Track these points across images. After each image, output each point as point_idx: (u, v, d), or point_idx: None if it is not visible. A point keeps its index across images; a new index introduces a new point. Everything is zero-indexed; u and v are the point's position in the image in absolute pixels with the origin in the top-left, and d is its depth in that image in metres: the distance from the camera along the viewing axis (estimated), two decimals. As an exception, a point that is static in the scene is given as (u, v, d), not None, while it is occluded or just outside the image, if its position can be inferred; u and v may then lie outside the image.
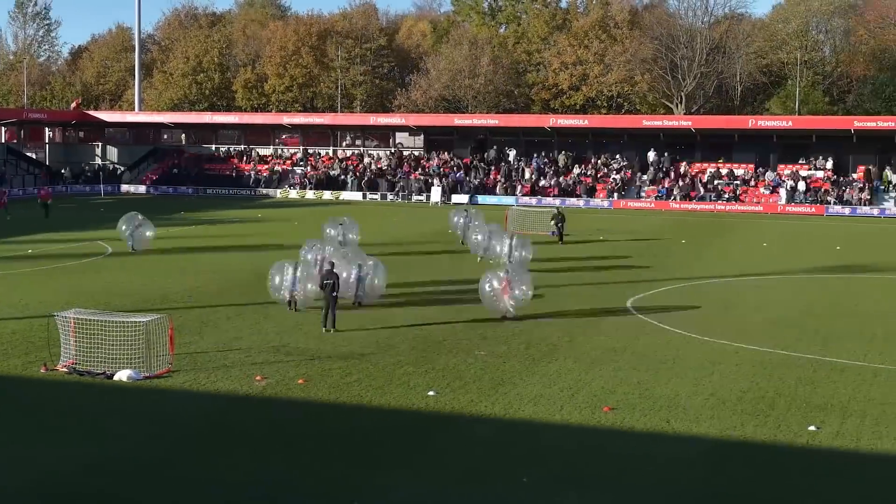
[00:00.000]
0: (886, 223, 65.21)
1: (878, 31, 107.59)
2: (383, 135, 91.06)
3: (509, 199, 76.99)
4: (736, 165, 78.49)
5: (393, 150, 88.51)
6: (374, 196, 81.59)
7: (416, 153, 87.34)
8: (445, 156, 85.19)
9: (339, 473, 16.82)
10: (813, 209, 71.09)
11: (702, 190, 75.27)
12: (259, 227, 57.53)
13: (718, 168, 78.15)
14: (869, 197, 71.48)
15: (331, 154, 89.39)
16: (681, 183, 76.15)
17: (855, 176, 74.73)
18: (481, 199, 78.56)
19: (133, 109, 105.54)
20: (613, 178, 78.38)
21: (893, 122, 77.27)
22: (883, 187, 72.89)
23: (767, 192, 73.93)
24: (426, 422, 19.86)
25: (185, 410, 20.53)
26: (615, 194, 76.63)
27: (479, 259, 41.28)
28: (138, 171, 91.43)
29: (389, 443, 18.52)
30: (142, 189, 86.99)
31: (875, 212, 70.10)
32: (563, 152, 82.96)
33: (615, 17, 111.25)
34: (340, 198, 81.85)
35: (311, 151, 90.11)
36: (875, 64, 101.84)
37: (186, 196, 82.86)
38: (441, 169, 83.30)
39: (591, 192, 77.44)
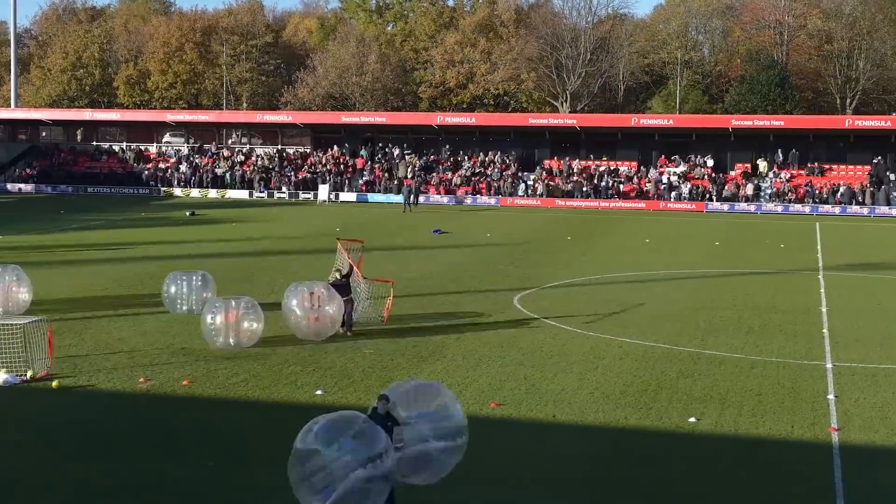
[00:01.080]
0: (762, 218, 67.23)
1: (754, 31, 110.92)
2: (270, 132, 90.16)
3: (397, 198, 77.18)
4: (620, 163, 79.95)
5: (280, 147, 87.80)
6: (261, 195, 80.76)
7: (303, 150, 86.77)
8: (334, 153, 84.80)
9: (225, 474, 16.62)
10: (693, 206, 72.84)
11: (586, 187, 76.37)
12: (140, 234, 56.47)
13: (603, 165, 79.47)
14: (748, 194, 73.51)
15: (215, 151, 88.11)
16: (566, 180, 77.19)
17: (734, 174, 76.81)
18: (371, 196, 78.51)
19: (9, 106, 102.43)
20: (500, 176, 79.03)
21: (769, 120, 79.73)
22: (758, 181, 75.06)
23: (650, 189, 75.44)
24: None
25: (62, 414, 20.01)
26: (502, 192, 77.32)
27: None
28: (15, 169, 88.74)
29: (276, 442, 18.33)
30: (24, 188, 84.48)
31: (752, 208, 72.14)
32: (447, 148, 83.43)
33: (501, 16, 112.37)
34: (226, 196, 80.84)
35: (196, 149, 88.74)
36: (751, 64, 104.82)
37: (67, 195, 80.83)
38: (328, 167, 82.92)
39: (477, 190, 77.96)
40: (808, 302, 33.35)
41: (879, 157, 75.23)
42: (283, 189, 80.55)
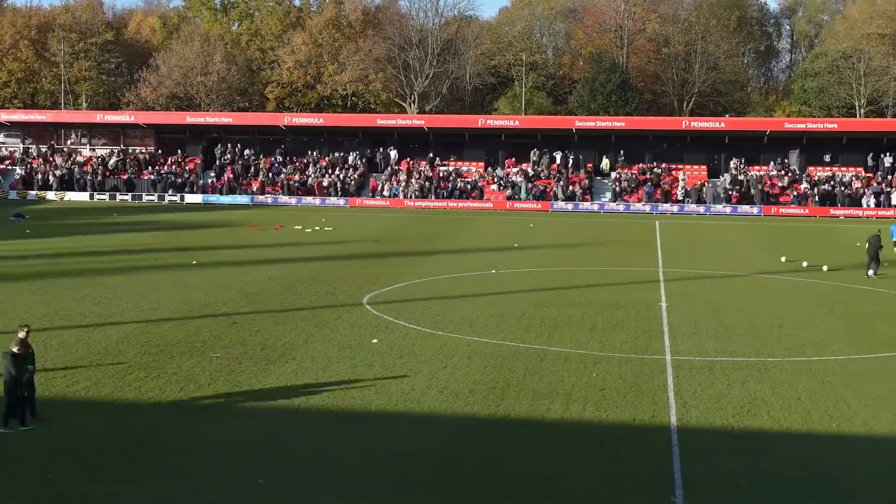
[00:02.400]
0: (605, 217, 68.97)
1: (596, 35, 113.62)
2: (112, 132, 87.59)
3: (243, 199, 76.18)
4: (467, 163, 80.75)
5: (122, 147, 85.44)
6: (102, 196, 78.49)
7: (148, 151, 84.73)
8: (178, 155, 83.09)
9: (64, 484, 16.12)
10: (539, 205, 74.16)
11: (432, 188, 76.86)
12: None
13: (451, 166, 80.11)
14: (592, 193, 75.26)
15: (51, 153, 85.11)
16: (415, 181, 77.55)
17: (582, 173, 78.48)
18: (214, 198, 77.19)
19: None
20: (349, 177, 78.82)
21: (611, 121, 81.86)
22: (600, 177, 76.96)
23: (496, 189, 76.40)
24: (158, 428, 19.32)
25: None
26: (350, 193, 77.13)
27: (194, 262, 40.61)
28: None
29: (118, 450, 17.89)
30: None
31: (595, 207, 73.88)
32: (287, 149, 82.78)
33: (349, 17, 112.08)
34: (66, 198, 78.26)
35: (32, 150, 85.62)
36: (594, 66, 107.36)
37: None
38: (175, 169, 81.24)
39: (328, 192, 77.56)
40: (648, 298, 34.37)
41: (714, 158, 78.11)
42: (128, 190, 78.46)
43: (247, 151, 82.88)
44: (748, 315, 31.31)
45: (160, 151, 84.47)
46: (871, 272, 39.67)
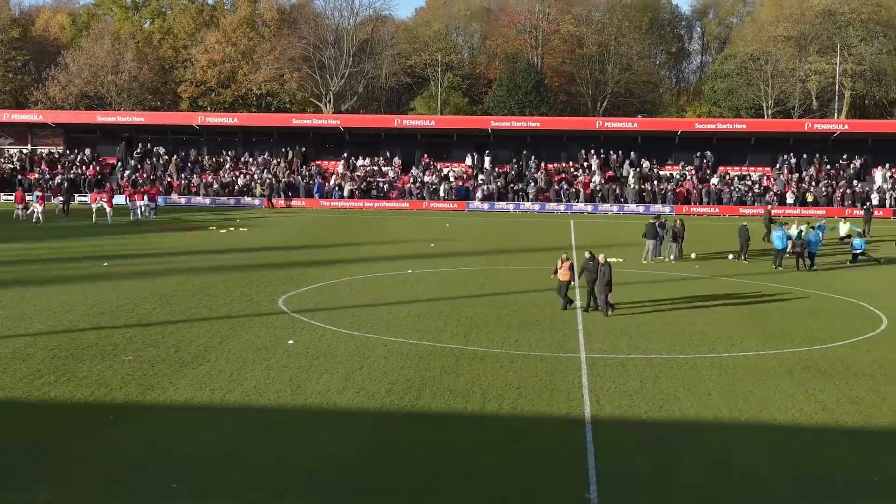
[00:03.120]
0: (521, 217, 69.43)
1: (511, 35, 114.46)
2: (20, 132, 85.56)
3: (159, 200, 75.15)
4: (385, 163, 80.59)
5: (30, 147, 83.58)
6: (9, 198, 76.60)
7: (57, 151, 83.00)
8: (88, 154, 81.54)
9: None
10: (455, 205, 74.36)
11: (347, 187, 76.57)
12: None
13: (368, 166, 79.89)
14: (509, 193, 75.69)
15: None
16: (332, 181, 77.20)
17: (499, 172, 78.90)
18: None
19: None
20: (266, 177, 78.15)
21: (526, 121, 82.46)
22: (517, 180, 77.49)
23: (414, 188, 76.39)
24: (67, 433, 18.94)
25: None
26: (267, 193, 76.48)
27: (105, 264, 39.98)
28: None
29: (23, 459, 17.51)
30: None
31: (511, 207, 74.30)
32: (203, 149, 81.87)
33: (263, 16, 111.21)
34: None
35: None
36: (509, 66, 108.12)
37: None
38: (87, 170, 79.71)
39: (243, 192, 76.82)
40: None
41: (628, 158, 79.13)
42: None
43: (159, 150, 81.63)
44: (661, 313, 31.80)
45: (69, 151, 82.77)
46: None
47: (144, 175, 78.20)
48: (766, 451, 18.48)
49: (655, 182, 75.98)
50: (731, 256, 45.64)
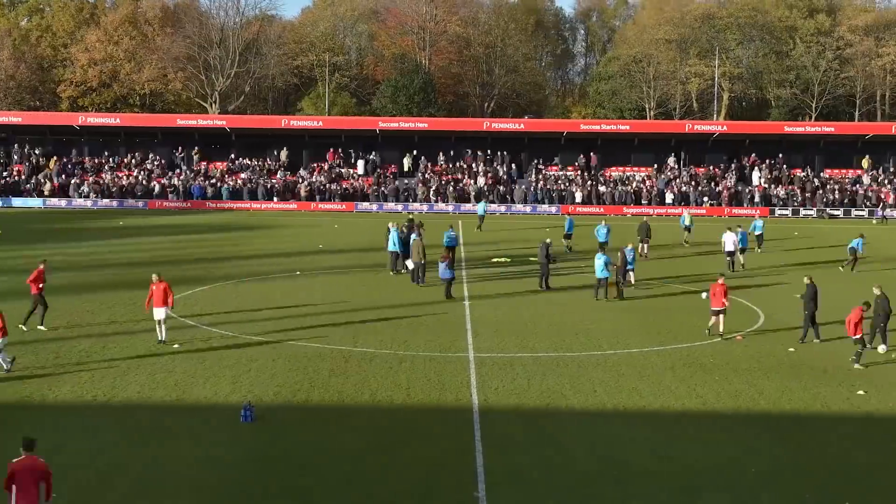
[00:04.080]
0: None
1: (398, 36, 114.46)
2: None
3: (35, 201, 73.09)
4: (272, 164, 79.81)
5: None
6: None
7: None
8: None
9: None
10: (344, 206, 74.09)
11: (227, 189, 75.69)
12: None
13: (256, 166, 79.06)
14: (400, 193, 75.78)
15: None
16: (219, 182, 76.19)
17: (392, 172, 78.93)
18: (3, 201, 73.77)
19: None
20: (148, 178, 76.72)
21: (414, 122, 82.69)
22: (407, 181, 77.65)
23: (303, 189, 75.78)
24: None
25: None
26: (153, 194, 75.10)
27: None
28: None
29: None
30: None
31: (400, 207, 74.32)
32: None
33: (146, 14, 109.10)
34: None
35: None
36: (396, 67, 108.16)
37: None
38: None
39: (123, 193, 75.23)
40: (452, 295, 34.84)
41: (512, 160, 79.97)
42: None
43: (37, 151, 79.40)
44: (547, 312, 32.21)
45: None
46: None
47: (21, 176, 76.02)
48: (649, 445, 18.91)
49: (543, 182, 76.92)
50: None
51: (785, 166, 78.86)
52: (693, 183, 76.99)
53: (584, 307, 33.18)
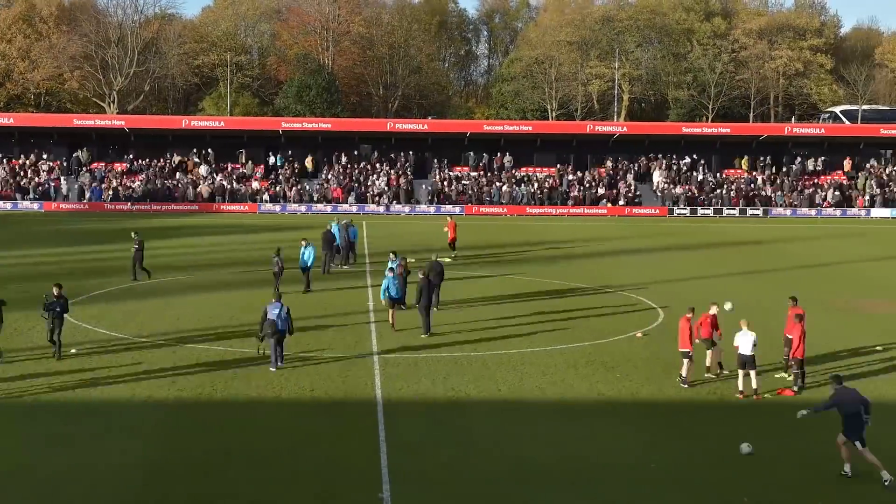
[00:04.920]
0: (313, 218, 69.19)
1: (301, 36, 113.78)
2: None
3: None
4: (173, 165, 78.60)
5: None
6: None
7: None
8: None
9: None
10: (247, 207, 73.34)
11: (125, 190, 74.43)
12: None
13: (155, 167, 77.76)
14: (302, 194, 75.32)
15: None
16: (114, 182, 74.73)
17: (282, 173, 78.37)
18: None
19: None
20: (44, 180, 74.96)
21: (318, 123, 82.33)
22: (308, 181, 77.23)
23: (205, 189, 74.72)
24: None
25: None
26: (49, 196, 73.38)
27: None
28: None
29: None
30: None
31: (303, 208, 73.90)
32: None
33: (41, 12, 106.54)
34: None
35: None
36: (299, 67, 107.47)
37: None
38: None
39: (17, 195, 73.39)
40: (357, 297, 34.76)
41: (420, 158, 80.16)
42: None
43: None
44: (452, 310, 32.32)
45: None
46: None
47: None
48: (551, 442, 19.14)
49: (445, 182, 77.20)
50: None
51: (683, 166, 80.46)
52: (595, 183, 77.98)
53: (489, 307, 33.37)
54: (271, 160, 78.94)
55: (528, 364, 25.29)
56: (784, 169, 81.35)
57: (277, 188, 75.42)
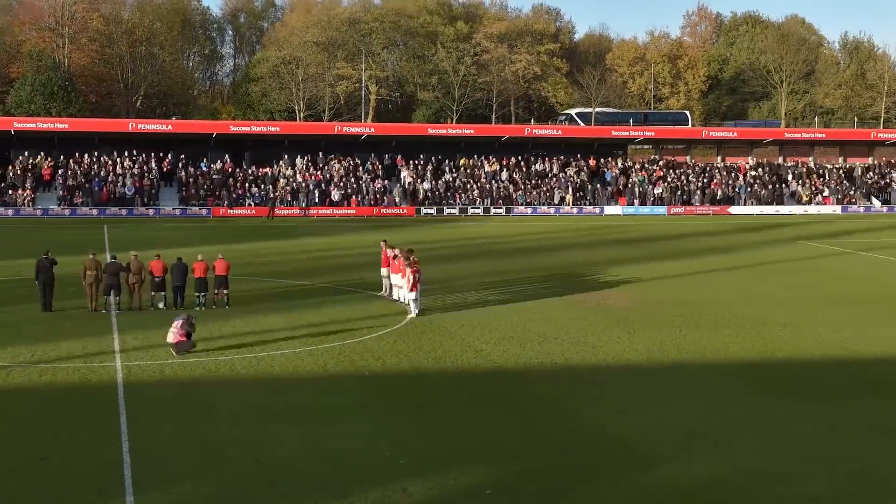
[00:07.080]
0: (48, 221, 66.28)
1: (35, 32, 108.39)
2: None
3: None
4: None
5: None
6: None
7: None
8: None
9: None
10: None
11: None
12: None
13: None
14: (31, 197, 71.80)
15: None
16: None
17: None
18: None
19: None
20: None
21: (54, 122, 78.83)
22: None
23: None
24: None
25: None
26: None
27: None
28: None
29: None
30: None
31: (40, 212, 70.53)
32: None
33: None
34: None
35: None
36: (33, 65, 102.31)
37: None
38: None
39: None
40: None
41: (160, 161, 78.10)
42: None
43: None
44: (198, 314, 31.66)
45: None
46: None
47: None
48: (303, 442, 19.08)
49: (192, 183, 75.58)
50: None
51: (430, 166, 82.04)
52: (343, 183, 78.28)
53: (239, 311, 32.92)
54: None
55: (278, 367, 25.14)
56: (525, 169, 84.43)
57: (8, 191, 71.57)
